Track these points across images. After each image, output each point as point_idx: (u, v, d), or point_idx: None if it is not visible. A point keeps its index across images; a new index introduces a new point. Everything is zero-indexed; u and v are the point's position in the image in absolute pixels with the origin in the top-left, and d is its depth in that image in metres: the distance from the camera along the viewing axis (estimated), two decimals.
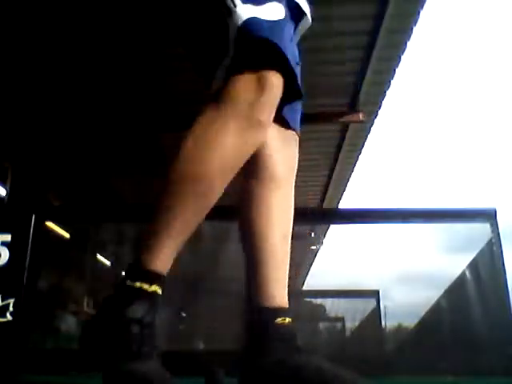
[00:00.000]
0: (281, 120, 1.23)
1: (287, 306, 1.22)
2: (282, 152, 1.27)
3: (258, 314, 1.20)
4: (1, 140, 5.36)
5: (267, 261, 1.24)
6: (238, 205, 1.29)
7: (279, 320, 1.19)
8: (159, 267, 1.04)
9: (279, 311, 1.20)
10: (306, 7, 1.27)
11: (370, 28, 4.28)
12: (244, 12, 1.07)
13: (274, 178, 1.27)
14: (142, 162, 6.19)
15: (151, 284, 1.02)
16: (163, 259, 1.04)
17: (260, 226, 1.26)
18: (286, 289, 1.25)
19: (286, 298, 1.23)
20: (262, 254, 1.24)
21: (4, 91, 4.72)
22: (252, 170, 1.23)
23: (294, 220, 1.43)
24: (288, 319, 1.20)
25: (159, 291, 1.03)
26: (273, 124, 1.15)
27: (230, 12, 1.07)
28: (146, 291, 1.01)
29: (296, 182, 1.47)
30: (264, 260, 1.24)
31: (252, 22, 1.06)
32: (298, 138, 1.31)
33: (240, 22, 1.06)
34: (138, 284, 1.02)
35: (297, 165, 1.33)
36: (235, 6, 1.08)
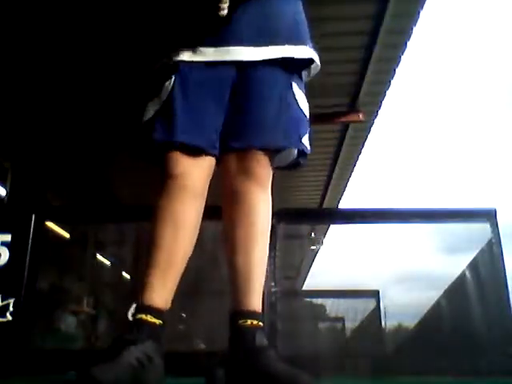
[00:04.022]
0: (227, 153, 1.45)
1: (250, 309, 1.37)
2: (237, 171, 1.44)
3: (228, 317, 1.40)
4: (1, 140, 5.36)
5: (231, 273, 1.44)
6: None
7: (240, 322, 1.35)
8: (153, 303, 1.33)
9: (240, 314, 1.37)
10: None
11: (369, 28, 4.28)
12: None
13: (232, 194, 1.45)
14: (142, 162, 6.18)
15: (146, 314, 1.31)
16: (159, 296, 1.34)
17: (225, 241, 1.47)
18: (254, 295, 1.39)
19: (250, 302, 1.38)
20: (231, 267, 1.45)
21: (4, 91, 4.72)
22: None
23: (294, 220, 1.46)
24: (251, 321, 1.35)
25: (153, 320, 1.31)
26: (226, 158, 1.44)
27: None
28: (145, 320, 1.30)
29: (296, 181, 1.50)
30: (229, 272, 1.45)
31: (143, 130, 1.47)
32: (251, 152, 1.43)
33: None
34: (138, 316, 1.31)
35: (258, 173, 1.44)
36: None
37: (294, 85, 1.50)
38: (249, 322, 1.35)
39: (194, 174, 1.41)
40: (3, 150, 5.64)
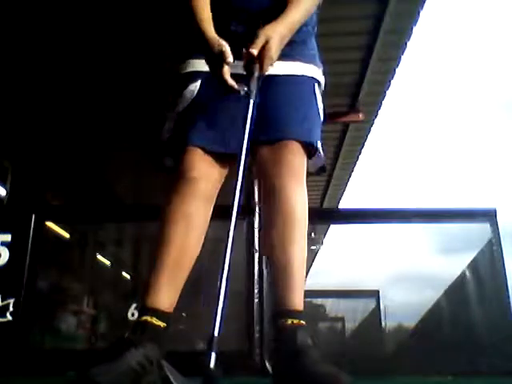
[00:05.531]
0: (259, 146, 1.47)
1: (291, 308, 1.36)
2: (270, 163, 1.46)
3: (271, 317, 1.43)
4: (1, 140, 5.36)
5: (273, 271, 1.45)
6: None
7: (282, 321, 1.34)
8: (159, 305, 1.32)
9: (281, 314, 1.36)
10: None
11: (369, 28, 4.28)
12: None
13: (269, 191, 1.46)
14: (142, 162, 6.18)
15: (151, 317, 1.30)
16: (165, 298, 1.34)
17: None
18: (295, 293, 1.37)
19: (291, 301, 1.36)
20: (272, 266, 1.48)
21: (4, 91, 4.72)
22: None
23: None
24: (291, 320, 1.33)
25: (158, 323, 1.30)
26: (258, 154, 1.46)
27: None
28: (150, 322, 1.30)
29: None
30: (272, 270, 1.47)
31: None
32: (283, 142, 1.45)
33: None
34: (143, 318, 1.30)
35: (291, 162, 1.45)
36: None
37: (317, 87, 1.58)
38: (289, 321, 1.34)
39: (208, 179, 1.44)
40: (3, 149, 5.64)
